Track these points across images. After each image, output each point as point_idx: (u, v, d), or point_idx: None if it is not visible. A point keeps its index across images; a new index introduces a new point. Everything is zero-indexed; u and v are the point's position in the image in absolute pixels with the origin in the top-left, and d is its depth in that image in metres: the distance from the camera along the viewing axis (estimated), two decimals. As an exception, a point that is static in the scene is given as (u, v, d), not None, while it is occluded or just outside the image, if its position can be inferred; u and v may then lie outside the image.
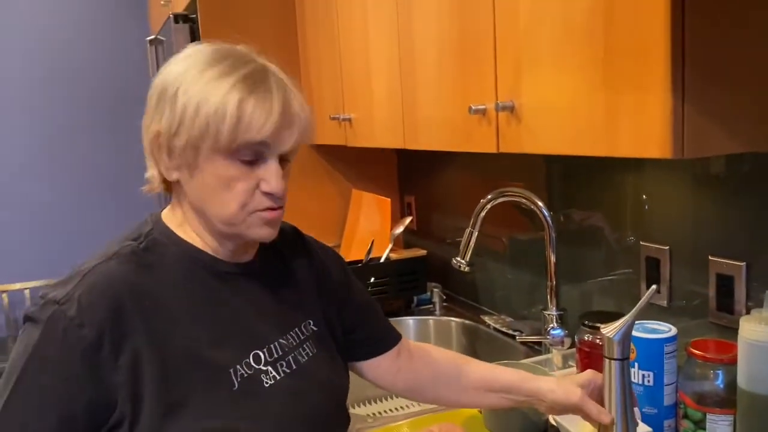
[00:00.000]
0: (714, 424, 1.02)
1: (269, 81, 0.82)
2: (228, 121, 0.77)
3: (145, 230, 0.88)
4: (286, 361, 0.89)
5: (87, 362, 0.75)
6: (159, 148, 0.84)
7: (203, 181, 0.82)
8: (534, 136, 1.05)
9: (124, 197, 3.40)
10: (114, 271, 0.80)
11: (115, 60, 3.35)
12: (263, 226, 0.85)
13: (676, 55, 0.78)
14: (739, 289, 1.13)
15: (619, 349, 0.94)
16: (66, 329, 0.75)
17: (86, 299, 0.76)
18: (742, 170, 1.12)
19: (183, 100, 0.79)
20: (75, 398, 0.75)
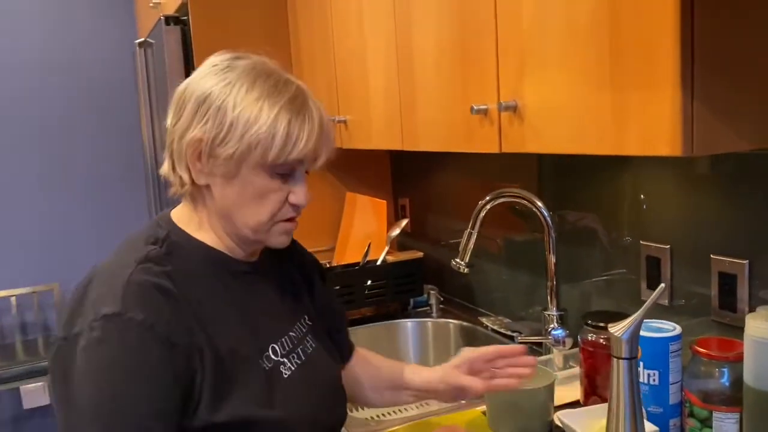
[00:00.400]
0: (720, 422, 1.02)
1: (309, 103, 0.89)
2: (278, 141, 0.84)
3: (161, 234, 0.90)
4: (296, 353, 0.95)
5: (168, 359, 0.78)
6: (198, 153, 0.87)
7: (241, 190, 0.87)
8: (538, 136, 1.05)
9: (110, 202, 3.37)
10: (152, 276, 0.82)
11: (102, 62, 3.31)
12: (283, 235, 0.92)
13: (686, 51, 0.78)
14: (742, 288, 1.13)
15: (627, 348, 0.94)
16: (140, 335, 0.77)
17: (144, 304, 0.79)
18: (743, 168, 1.12)
19: (231, 115, 0.84)
20: (170, 396, 0.78)
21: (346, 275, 1.83)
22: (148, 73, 2.50)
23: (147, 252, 0.85)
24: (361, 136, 1.72)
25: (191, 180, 0.89)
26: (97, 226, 3.35)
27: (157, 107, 2.45)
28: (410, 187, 2.28)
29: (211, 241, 0.92)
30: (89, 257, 3.26)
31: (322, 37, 1.90)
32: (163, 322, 0.78)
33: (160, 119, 2.43)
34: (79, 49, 3.26)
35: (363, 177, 2.31)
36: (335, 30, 1.82)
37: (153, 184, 2.61)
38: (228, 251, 0.92)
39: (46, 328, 3.31)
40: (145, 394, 0.77)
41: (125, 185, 3.40)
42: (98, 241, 3.34)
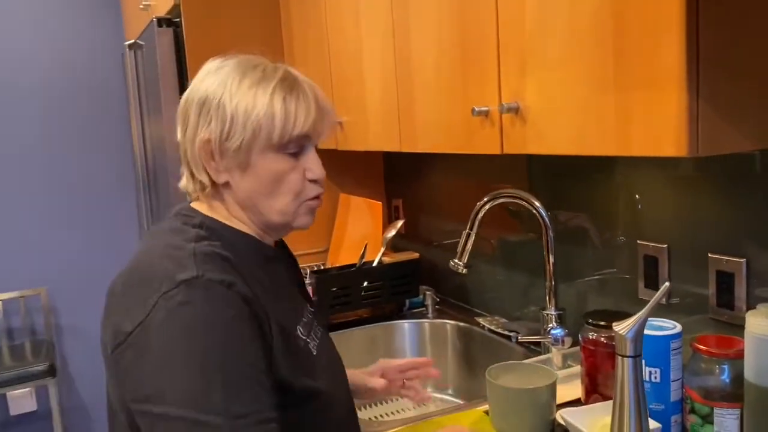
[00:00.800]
0: (722, 418, 1.04)
1: (299, 81, 0.93)
2: (278, 120, 0.88)
3: (196, 221, 0.91)
4: (313, 335, 0.99)
5: (250, 315, 0.81)
6: (210, 153, 0.90)
7: (257, 178, 0.90)
8: (540, 137, 1.06)
9: (99, 206, 3.34)
10: (213, 248, 0.85)
11: (89, 64, 3.28)
12: (308, 215, 0.96)
13: (691, 52, 0.79)
14: (740, 286, 1.15)
15: (632, 346, 0.95)
16: (223, 293, 0.79)
17: (218, 268, 0.81)
18: (740, 168, 1.14)
19: (230, 108, 0.88)
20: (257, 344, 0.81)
21: (343, 277, 1.83)
22: (138, 75, 2.48)
23: (197, 232, 0.88)
24: (358, 137, 1.72)
25: (211, 181, 0.92)
26: (85, 230, 3.32)
27: (148, 109, 2.43)
28: (403, 188, 2.29)
29: (245, 229, 0.95)
30: (77, 261, 3.26)
31: (316, 37, 1.90)
32: (239, 283, 0.81)
33: (150, 121, 2.42)
34: (65, 51, 3.23)
35: (356, 178, 2.31)
36: (330, 30, 1.82)
37: (144, 188, 2.59)
38: (261, 238, 0.97)
39: (34, 332, 3.27)
40: (243, 345, 0.78)
41: (114, 189, 3.37)
42: (86, 245, 3.31)
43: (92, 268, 3.26)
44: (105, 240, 3.34)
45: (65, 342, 3.34)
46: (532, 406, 1.15)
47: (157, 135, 2.29)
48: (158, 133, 2.23)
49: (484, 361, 1.64)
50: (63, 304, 3.31)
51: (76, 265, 3.29)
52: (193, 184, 0.94)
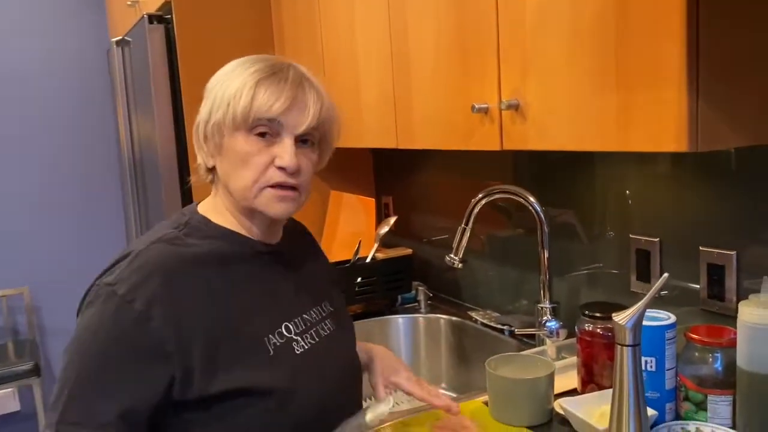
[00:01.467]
0: (715, 405, 1.08)
1: (287, 71, 0.94)
2: (244, 98, 0.89)
3: (183, 220, 0.98)
4: (310, 334, 1.00)
5: (141, 334, 0.84)
6: (199, 137, 0.96)
7: (228, 159, 0.93)
8: (541, 134, 1.09)
9: (84, 205, 3.31)
10: (161, 251, 0.90)
11: (72, 62, 3.25)
12: (275, 203, 0.94)
13: (691, 51, 0.83)
14: (730, 278, 1.19)
15: (631, 335, 0.98)
16: (118, 307, 0.84)
17: (136, 278, 0.86)
18: (730, 163, 1.18)
19: (214, 91, 0.93)
20: (138, 371, 0.84)
21: (337, 273, 1.85)
22: (126, 73, 2.47)
23: (163, 234, 0.94)
24: (352, 134, 1.74)
25: (206, 166, 0.98)
26: (69, 229, 3.29)
27: (136, 107, 2.42)
28: (393, 185, 2.31)
29: (230, 224, 0.98)
30: (61, 260, 3.23)
31: (309, 32, 1.91)
32: (145, 300, 0.84)
33: (139, 119, 2.41)
34: (47, 49, 3.20)
35: (346, 175, 2.32)
36: (323, 25, 1.83)
37: (132, 186, 2.58)
38: (247, 232, 0.98)
39: (16, 332, 3.24)
40: (106, 365, 0.84)
41: (99, 187, 3.35)
42: (70, 244, 3.28)
43: (76, 268, 3.23)
44: (89, 239, 3.31)
45: (49, 341, 3.31)
46: (531, 396, 1.18)
47: (146, 133, 2.28)
48: (148, 130, 2.22)
49: (478, 354, 1.67)
50: (46, 303, 3.28)
51: (60, 265, 3.26)
52: (199, 169, 1.00)
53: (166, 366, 0.85)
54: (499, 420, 1.20)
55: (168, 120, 2.09)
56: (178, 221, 0.97)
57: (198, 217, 0.98)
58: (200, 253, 0.92)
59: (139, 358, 0.84)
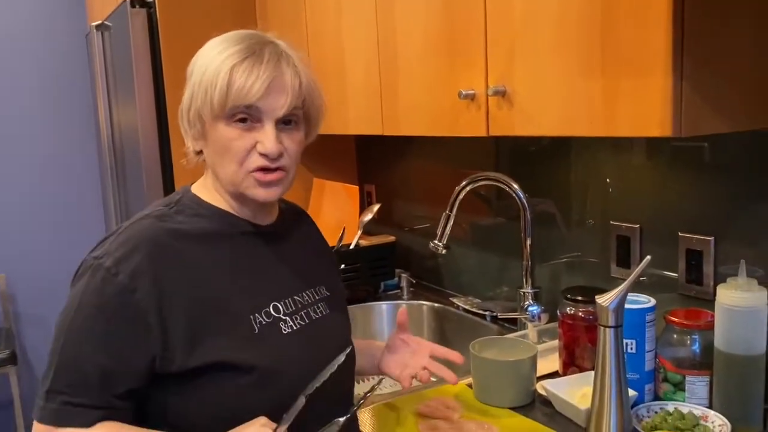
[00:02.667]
0: (692, 385, 1.11)
1: (263, 52, 0.91)
2: (219, 87, 0.88)
3: (175, 198, 0.98)
4: (300, 315, 0.99)
5: (124, 305, 0.85)
6: (183, 122, 0.96)
7: (212, 147, 0.93)
8: (528, 119, 1.10)
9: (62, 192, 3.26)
10: (147, 226, 0.91)
11: (49, 47, 3.19)
12: (258, 187, 0.93)
13: (677, 38, 0.85)
14: (708, 263, 1.22)
15: (613, 316, 1.01)
16: (104, 279, 0.86)
17: (121, 251, 0.87)
18: (710, 150, 1.21)
19: (193, 77, 0.92)
20: (120, 338, 0.85)
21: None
22: (106, 57, 2.44)
23: (153, 210, 0.95)
24: (337, 121, 1.74)
25: (194, 150, 0.98)
26: (46, 216, 3.25)
27: (117, 94, 2.39)
28: (376, 173, 2.32)
29: (221, 203, 0.98)
30: (37, 248, 3.19)
31: (293, 18, 1.90)
32: (129, 271, 0.85)
33: (120, 106, 2.38)
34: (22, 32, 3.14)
35: (329, 163, 2.32)
36: (308, 10, 1.82)
37: (111, 174, 2.55)
38: (237, 212, 0.98)
39: (-8, 320, 3.19)
40: (92, 336, 0.85)
41: (78, 175, 3.30)
42: (47, 232, 3.24)
43: (53, 256, 3.19)
44: (68, 227, 3.27)
45: (25, 330, 3.26)
46: (514, 378, 1.20)
47: (127, 120, 2.26)
48: (129, 117, 2.20)
49: (460, 339, 1.69)
50: (22, 291, 3.23)
51: (38, 252, 3.22)
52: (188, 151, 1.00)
53: (148, 337, 0.86)
54: (483, 401, 1.22)
55: (150, 107, 2.07)
56: (171, 199, 0.98)
57: (190, 196, 0.99)
58: (187, 230, 0.93)
59: (122, 325, 0.85)
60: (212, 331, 0.89)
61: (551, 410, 1.18)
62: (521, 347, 1.27)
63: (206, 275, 0.91)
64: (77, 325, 0.86)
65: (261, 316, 0.94)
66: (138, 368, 0.86)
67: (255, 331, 0.92)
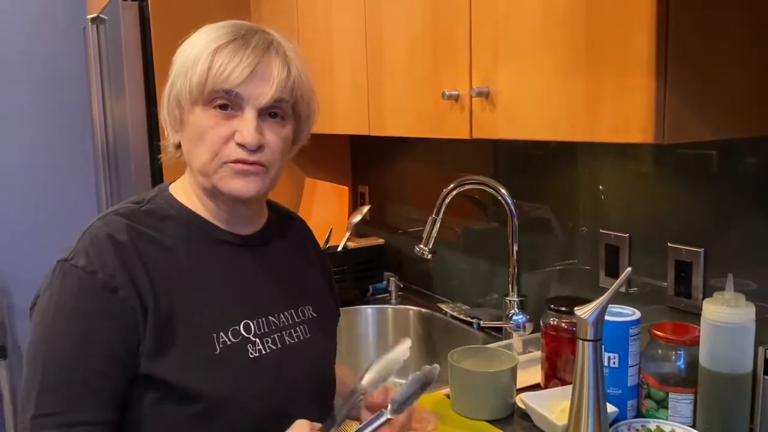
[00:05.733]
0: (676, 403, 1.07)
1: (251, 39, 0.85)
2: (199, 68, 0.82)
3: (149, 196, 0.92)
4: (272, 338, 0.90)
5: (107, 303, 0.79)
6: (163, 112, 0.90)
7: (187, 135, 0.87)
8: (510, 122, 1.07)
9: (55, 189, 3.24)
10: (113, 223, 0.84)
11: (47, 39, 3.18)
12: (234, 178, 0.85)
13: (661, 40, 0.81)
14: (697, 275, 1.18)
15: (592, 330, 0.96)
16: (80, 279, 0.79)
17: (93, 249, 0.81)
18: (700, 160, 1.16)
19: (177, 62, 0.86)
20: (109, 338, 0.79)
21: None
22: (101, 50, 2.42)
23: (120, 207, 0.88)
24: (325, 120, 1.70)
25: (174, 143, 0.91)
26: (39, 209, 3.23)
27: (110, 87, 2.37)
28: (370, 174, 2.28)
29: (196, 204, 0.91)
30: (30, 241, 3.17)
31: (285, 18, 1.88)
32: (107, 271, 0.79)
33: (113, 100, 2.36)
34: (20, 24, 3.13)
35: (322, 163, 2.29)
36: (300, 11, 1.80)
37: (104, 168, 2.53)
38: (212, 217, 0.91)
39: (-16, 318, 3.18)
40: (79, 341, 0.78)
41: (71, 169, 3.28)
42: (40, 225, 3.22)
43: (45, 249, 3.16)
44: (61, 224, 3.24)
45: (17, 323, 3.25)
46: (492, 390, 1.16)
47: (119, 114, 2.23)
48: (121, 112, 2.17)
49: (446, 346, 1.64)
50: (15, 284, 3.22)
51: (29, 245, 3.19)
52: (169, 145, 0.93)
53: (136, 335, 0.80)
54: (459, 413, 1.19)
55: (140, 100, 2.04)
56: (143, 197, 0.91)
57: (165, 195, 0.91)
58: (150, 235, 0.85)
59: (110, 325, 0.79)
60: (173, 345, 0.81)
61: (530, 424, 1.14)
62: (502, 358, 1.22)
63: (171, 284, 0.84)
64: (59, 334, 0.78)
65: (226, 336, 0.85)
66: (130, 368, 0.80)
67: (215, 352, 0.84)
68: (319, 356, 0.98)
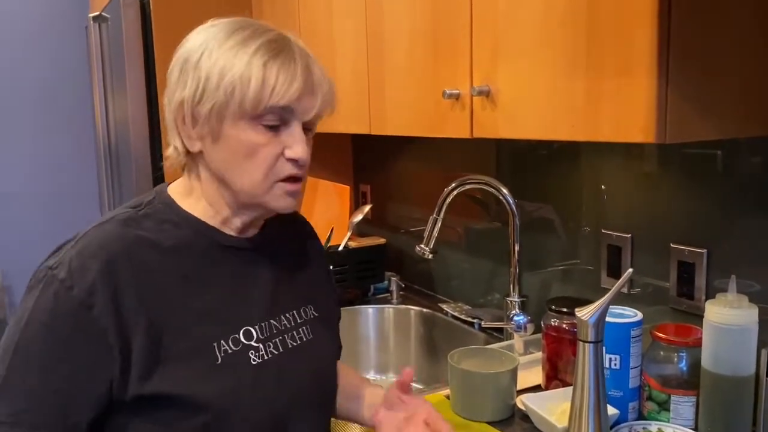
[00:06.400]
0: (678, 405, 1.06)
1: (291, 47, 0.83)
2: (253, 84, 0.79)
3: (146, 199, 0.89)
4: (273, 343, 0.89)
5: (79, 323, 0.76)
6: (183, 117, 0.84)
7: (228, 149, 0.82)
8: (511, 122, 1.06)
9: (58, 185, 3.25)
10: (108, 233, 0.82)
11: (50, 37, 3.18)
12: (286, 197, 0.86)
13: (663, 38, 0.80)
14: (700, 276, 1.16)
15: (593, 331, 0.95)
16: (57, 292, 0.77)
17: (77, 261, 0.78)
18: (704, 160, 1.15)
19: (207, 67, 0.80)
20: (77, 361, 0.77)
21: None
22: (103, 49, 2.41)
23: (119, 213, 0.85)
24: (327, 119, 1.68)
25: (185, 149, 0.86)
26: (43, 209, 3.23)
27: (113, 86, 2.36)
28: (371, 174, 2.28)
29: (202, 211, 0.88)
30: (34, 242, 3.15)
31: (286, 17, 1.87)
32: (85, 287, 0.77)
33: (115, 99, 2.35)
34: (24, 22, 3.13)
35: (324, 162, 2.28)
36: (301, 9, 1.79)
37: (106, 167, 2.52)
38: (220, 224, 0.88)
39: (-12, 313, 3.18)
40: (42, 353, 0.77)
41: (75, 168, 3.28)
42: (44, 225, 3.22)
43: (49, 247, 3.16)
44: (64, 220, 3.25)
45: (20, 322, 3.25)
46: (492, 391, 1.15)
47: (121, 113, 2.23)
48: (123, 111, 2.17)
49: (447, 347, 1.63)
50: (19, 283, 3.21)
51: (33, 246, 3.18)
52: (172, 151, 0.88)
53: (108, 358, 0.77)
54: (460, 414, 1.18)
55: (141, 101, 2.03)
56: (142, 200, 0.88)
57: (164, 198, 0.88)
58: (152, 240, 0.83)
59: (78, 346, 0.77)
60: (170, 358, 0.80)
61: (530, 425, 1.13)
62: (503, 359, 1.21)
63: (169, 293, 0.82)
64: (24, 347, 0.77)
65: (227, 344, 0.84)
66: (98, 394, 0.78)
67: (218, 362, 0.82)
68: (321, 357, 0.97)
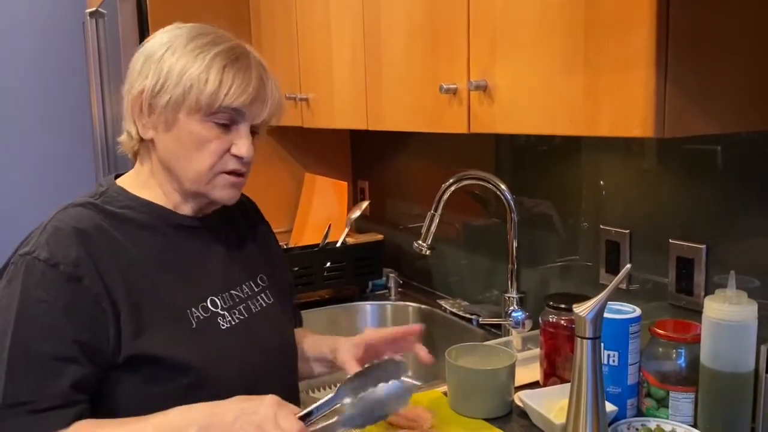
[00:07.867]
0: (676, 402, 1.05)
1: (248, 57, 0.93)
2: (210, 85, 0.87)
3: (99, 190, 0.96)
4: (238, 310, 0.98)
5: (73, 294, 0.82)
6: (141, 105, 0.91)
7: (178, 139, 0.91)
8: (508, 116, 1.05)
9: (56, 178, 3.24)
10: (75, 213, 0.89)
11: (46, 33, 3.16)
12: (227, 188, 0.94)
13: (661, 32, 0.79)
14: (699, 272, 1.16)
15: (591, 327, 0.94)
16: (44, 272, 0.82)
17: (54, 242, 0.84)
18: (703, 155, 1.14)
19: (169, 63, 0.89)
20: (80, 326, 0.82)
21: (305, 257, 1.81)
22: (99, 45, 2.40)
23: (74, 201, 0.92)
24: (324, 115, 1.69)
25: (138, 135, 0.94)
26: (41, 202, 3.21)
27: (109, 80, 2.36)
28: (370, 170, 2.27)
29: (154, 196, 0.96)
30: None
31: (284, 11, 1.86)
32: (70, 261, 0.83)
33: (111, 93, 2.34)
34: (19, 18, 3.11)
35: (322, 158, 2.27)
36: (298, 4, 1.78)
37: (103, 160, 2.52)
38: (173, 207, 0.96)
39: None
40: (46, 330, 0.81)
41: (72, 164, 3.27)
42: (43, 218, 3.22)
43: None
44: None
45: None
46: (490, 387, 1.15)
47: (118, 109, 2.21)
48: (119, 106, 2.16)
49: (445, 343, 1.62)
50: (17, 280, 3.22)
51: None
52: (126, 137, 0.96)
53: (105, 321, 0.84)
54: (457, 411, 1.17)
55: (138, 95, 2.02)
56: (95, 191, 0.95)
57: (116, 188, 0.96)
58: (117, 218, 0.91)
59: (79, 313, 0.82)
60: (151, 323, 0.87)
61: (528, 422, 1.12)
62: (501, 355, 1.21)
63: (139, 264, 0.89)
64: (24, 326, 0.81)
65: (198, 311, 0.93)
66: (101, 355, 0.84)
67: (193, 326, 0.91)
68: (283, 319, 1.07)
